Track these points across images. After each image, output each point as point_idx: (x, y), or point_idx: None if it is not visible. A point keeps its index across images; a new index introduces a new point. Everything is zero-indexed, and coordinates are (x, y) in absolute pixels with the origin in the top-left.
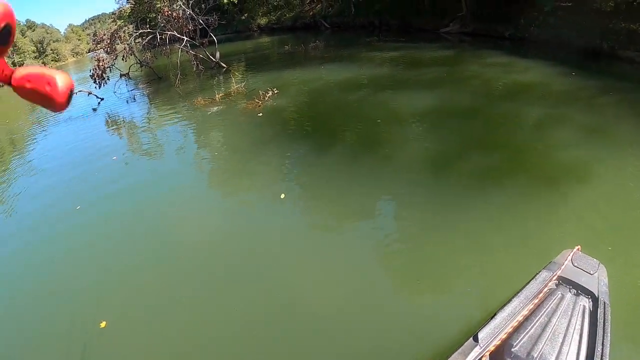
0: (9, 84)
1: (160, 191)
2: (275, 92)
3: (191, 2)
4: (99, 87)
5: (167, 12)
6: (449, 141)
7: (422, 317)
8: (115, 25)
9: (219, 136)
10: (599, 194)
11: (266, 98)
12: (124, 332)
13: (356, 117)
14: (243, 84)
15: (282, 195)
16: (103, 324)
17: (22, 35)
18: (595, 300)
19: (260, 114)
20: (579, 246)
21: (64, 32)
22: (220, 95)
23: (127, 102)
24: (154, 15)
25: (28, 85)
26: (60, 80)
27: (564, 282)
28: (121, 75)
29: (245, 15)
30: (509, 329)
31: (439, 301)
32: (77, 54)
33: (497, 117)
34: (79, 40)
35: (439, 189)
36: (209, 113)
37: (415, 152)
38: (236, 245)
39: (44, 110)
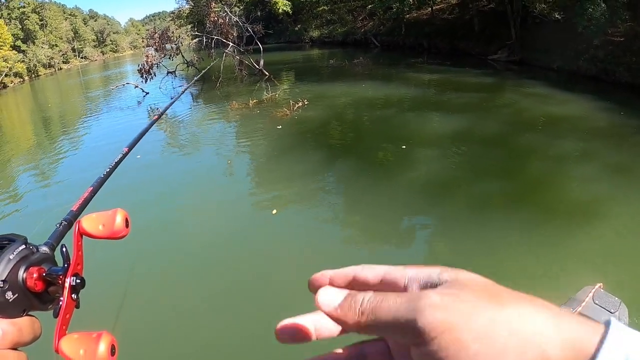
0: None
1: (165, 189)
2: (306, 103)
3: (238, 9)
4: (145, 81)
5: (214, 17)
6: (471, 168)
7: None
8: (174, 24)
9: (237, 142)
10: (623, 232)
11: (295, 109)
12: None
13: (380, 135)
14: (278, 92)
15: (274, 211)
16: None
17: (84, 24)
18: None
19: (280, 127)
20: (601, 284)
21: (125, 25)
22: (254, 101)
23: (170, 98)
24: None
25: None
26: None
27: None
28: (168, 73)
29: (299, 26)
30: None
31: None
32: (135, 47)
33: (523, 147)
34: (137, 34)
35: (457, 215)
36: (238, 117)
37: (435, 177)
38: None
39: (94, 95)
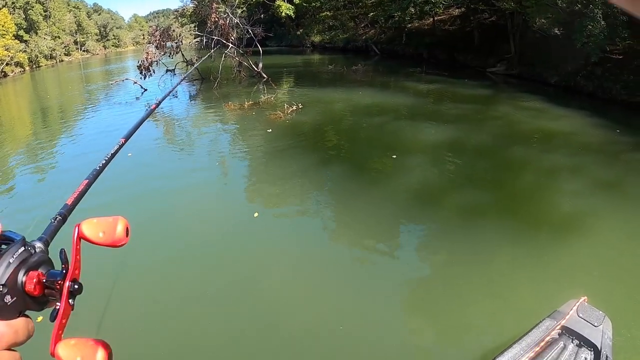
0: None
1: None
2: (300, 107)
3: (241, 10)
4: (144, 78)
5: (214, 17)
6: (462, 178)
7: (419, 352)
8: (177, 22)
9: (228, 143)
10: (609, 246)
11: (288, 112)
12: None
13: (373, 142)
14: (275, 95)
15: (256, 214)
16: None
17: (88, 17)
18: (597, 353)
19: (270, 130)
20: (586, 297)
21: (128, 21)
22: (250, 103)
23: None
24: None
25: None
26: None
27: (567, 332)
28: (167, 71)
29: (301, 30)
30: None
31: (437, 338)
32: (137, 43)
33: (514, 159)
34: (140, 30)
35: (447, 224)
36: (231, 118)
37: (426, 186)
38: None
39: (93, 89)
